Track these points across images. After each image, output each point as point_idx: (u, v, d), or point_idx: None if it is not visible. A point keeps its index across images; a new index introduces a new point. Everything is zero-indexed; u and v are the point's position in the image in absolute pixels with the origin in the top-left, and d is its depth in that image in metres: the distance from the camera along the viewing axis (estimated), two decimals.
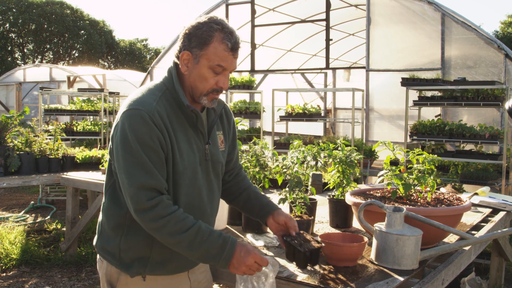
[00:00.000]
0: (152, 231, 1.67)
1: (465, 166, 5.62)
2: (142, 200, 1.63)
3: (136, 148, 1.64)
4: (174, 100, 1.77)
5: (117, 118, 1.73)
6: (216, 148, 1.91)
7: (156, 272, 1.81)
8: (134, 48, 34.95)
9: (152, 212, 1.63)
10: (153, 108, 1.69)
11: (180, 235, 1.64)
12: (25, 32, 29.69)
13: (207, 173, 1.86)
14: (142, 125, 1.65)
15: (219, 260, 1.68)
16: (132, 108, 1.69)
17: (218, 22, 1.73)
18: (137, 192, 1.63)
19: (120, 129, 1.68)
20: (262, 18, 9.18)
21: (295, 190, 2.40)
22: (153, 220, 1.63)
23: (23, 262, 5.19)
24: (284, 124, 7.63)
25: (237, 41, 1.75)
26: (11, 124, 5.16)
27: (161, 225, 1.63)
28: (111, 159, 1.79)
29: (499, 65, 6.44)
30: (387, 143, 2.61)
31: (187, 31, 1.76)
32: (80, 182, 5.08)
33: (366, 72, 7.57)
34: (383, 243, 2.02)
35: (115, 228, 1.80)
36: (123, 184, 1.68)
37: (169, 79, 1.80)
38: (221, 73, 1.76)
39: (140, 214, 1.64)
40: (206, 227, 1.69)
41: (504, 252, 3.79)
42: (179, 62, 1.78)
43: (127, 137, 1.65)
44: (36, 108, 11.86)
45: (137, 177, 1.63)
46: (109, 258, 1.82)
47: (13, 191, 9.57)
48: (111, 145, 1.76)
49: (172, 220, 1.64)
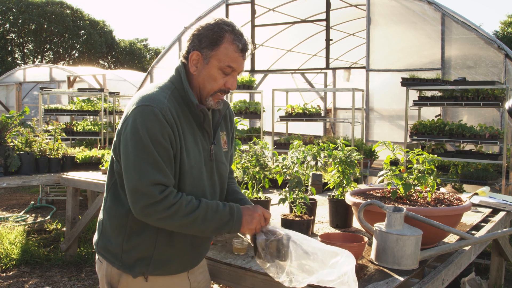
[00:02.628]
0: (165, 219, 1.66)
1: (465, 166, 5.62)
2: (155, 194, 1.63)
3: (148, 145, 1.64)
4: (182, 99, 1.77)
5: (126, 114, 1.72)
6: (220, 148, 1.92)
7: (158, 272, 1.81)
8: (134, 48, 34.96)
9: (165, 202, 1.64)
10: (165, 105, 1.69)
11: (193, 213, 1.68)
12: (25, 32, 29.69)
13: (211, 173, 1.87)
14: (154, 122, 1.65)
15: (232, 224, 1.73)
16: (144, 104, 1.68)
17: (229, 24, 1.76)
18: (149, 188, 1.63)
19: (131, 125, 1.67)
20: (262, 18, 9.18)
21: (295, 190, 2.40)
22: (165, 209, 1.65)
23: (23, 262, 5.19)
24: (284, 124, 7.63)
25: (246, 42, 1.77)
26: (11, 124, 5.16)
27: (174, 211, 1.65)
28: (115, 156, 1.77)
29: (499, 65, 6.44)
30: (387, 143, 2.61)
31: (196, 32, 1.77)
32: (80, 182, 5.08)
33: (366, 72, 7.57)
34: (383, 243, 2.02)
35: (117, 228, 1.80)
36: (130, 179, 1.65)
37: (177, 78, 1.81)
38: (230, 74, 1.77)
39: (153, 207, 1.64)
40: (211, 201, 1.75)
41: (504, 252, 3.78)
42: (188, 62, 1.79)
43: (139, 133, 1.64)
44: (36, 108, 11.86)
45: (149, 174, 1.63)
46: (110, 259, 1.82)
47: (13, 191, 9.57)
48: (116, 141, 1.75)
49: (182, 203, 1.67)
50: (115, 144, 1.76)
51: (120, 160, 1.72)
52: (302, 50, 11.56)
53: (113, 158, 1.81)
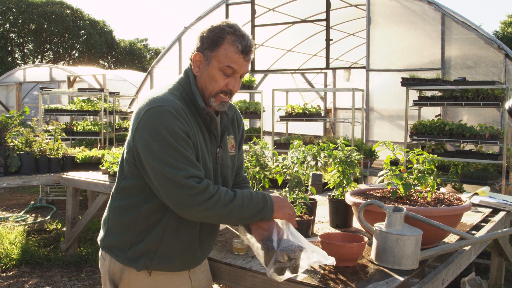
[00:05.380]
0: (207, 210, 1.68)
1: (465, 166, 5.62)
2: (195, 185, 1.65)
3: (172, 143, 1.66)
4: (190, 101, 1.80)
5: (138, 117, 1.72)
6: (226, 152, 1.94)
7: (162, 266, 1.82)
8: (134, 48, 34.97)
9: (206, 193, 1.67)
10: (177, 105, 1.72)
11: (232, 202, 1.72)
12: (25, 32, 29.70)
13: (216, 176, 1.89)
14: (171, 119, 1.67)
15: (266, 210, 1.78)
16: (157, 106, 1.69)
17: (231, 26, 1.77)
18: (187, 180, 1.65)
19: (150, 128, 1.67)
20: (262, 18, 9.18)
21: (295, 190, 2.40)
22: (206, 200, 1.67)
23: (23, 262, 5.19)
24: (284, 124, 7.63)
25: (248, 44, 1.77)
26: (11, 124, 5.16)
27: (215, 201, 1.68)
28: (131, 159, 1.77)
29: (499, 65, 6.44)
30: (387, 143, 2.60)
31: (201, 34, 1.80)
32: (80, 182, 5.08)
33: (366, 72, 7.57)
34: (383, 243, 2.02)
35: (127, 224, 1.82)
36: (164, 178, 1.66)
37: (186, 80, 1.83)
38: (232, 75, 1.79)
39: (194, 198, 1.66)
40: (242, 190, 1.79)
41: (504, 252, 3.78)
42: (192, 63, 1.82)
43: (160, 134, 1.66)
44: (36, 108, 11.86)
45: (182, 169, 1.65)
46: (116, 252, 1.84)
47: (13, 191, 9.56)
48: (131, 143, 1.75)
49: (221, 194, 1.71)
50: (130, 146, 1.76)
51: (137, 163, 1.74)
52: (302, 50, 11.57)
53: (124, 159, 1.82)
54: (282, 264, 1.71)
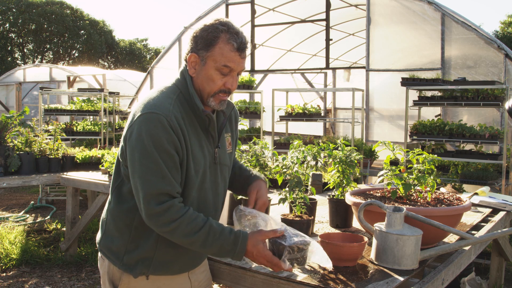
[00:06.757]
0: (165, 234, 1.68)
1: (465, 166, 5.62)
2: (153, 206, 1.63)
3: (152, 153, 1.63)
4: (187, 103, 1.76)
5: (131, 121, 1.71)
6: (224, 151, 1.92)
7: (159, 272, 1.81)
8: (134, 48, 34.97)
9: (164, 216, 1.63)
10: (170, 112, 1.68)
11: (193, 235, 1.65)
12: (25, 32, 29.70)
13: (215, 176, 1.87)
14: (159, 130, 1.64)
15: (233, 254, 1.70)
16: (149, 112, 1.67)
17: (224, 23, 1.73)
18: (150, 197, 1.63)
19: (136, 133, 1.66)
20: (262, 18, 9.18)
21: (295, 190, 2.40)
22: (165, 224, 1.64)
23: (23, 262, 5.19)
24: (284, 124, 7.63)
25: (243, 41, 1.74)
26: (11, 124, 5.16)
27: (173, 228, 1.64)
28: (123, 161, 1.77)
29: (499, 65, 6.44)
30: (387, 143, 2.60)
31: (194, 33, 1.76)
32: (80, 182, 5.08)
33: (366, 72, 7.57)
34: (383, 243, 2.02)
35: (121, 229, 1.80)
36: (136, 188, 1.67)
37: (183, 82, 1.79)
38: (229, 74, 1.75)
39: (153, 218, 1.65)
40: (217, 225, 1.70)
41: (504, 252, 3.78)
42: (187, 64, 1.78)
43: (144, 142, 1.64)
44: (36, 108, 11.86)
45: (151, 183, 1.63)
46: (112, 258, 1.83)
47: (13, 191, 9.57)
48: (123, 147, 1.75)
49: (184, 222, 1.64)
50: (122, 149, 1.76)
51: (128, 166, 1.73)
52: (302, 50, 11.57)
53: (120, 161, 1.81)
54: (292, 255, 1.70)
